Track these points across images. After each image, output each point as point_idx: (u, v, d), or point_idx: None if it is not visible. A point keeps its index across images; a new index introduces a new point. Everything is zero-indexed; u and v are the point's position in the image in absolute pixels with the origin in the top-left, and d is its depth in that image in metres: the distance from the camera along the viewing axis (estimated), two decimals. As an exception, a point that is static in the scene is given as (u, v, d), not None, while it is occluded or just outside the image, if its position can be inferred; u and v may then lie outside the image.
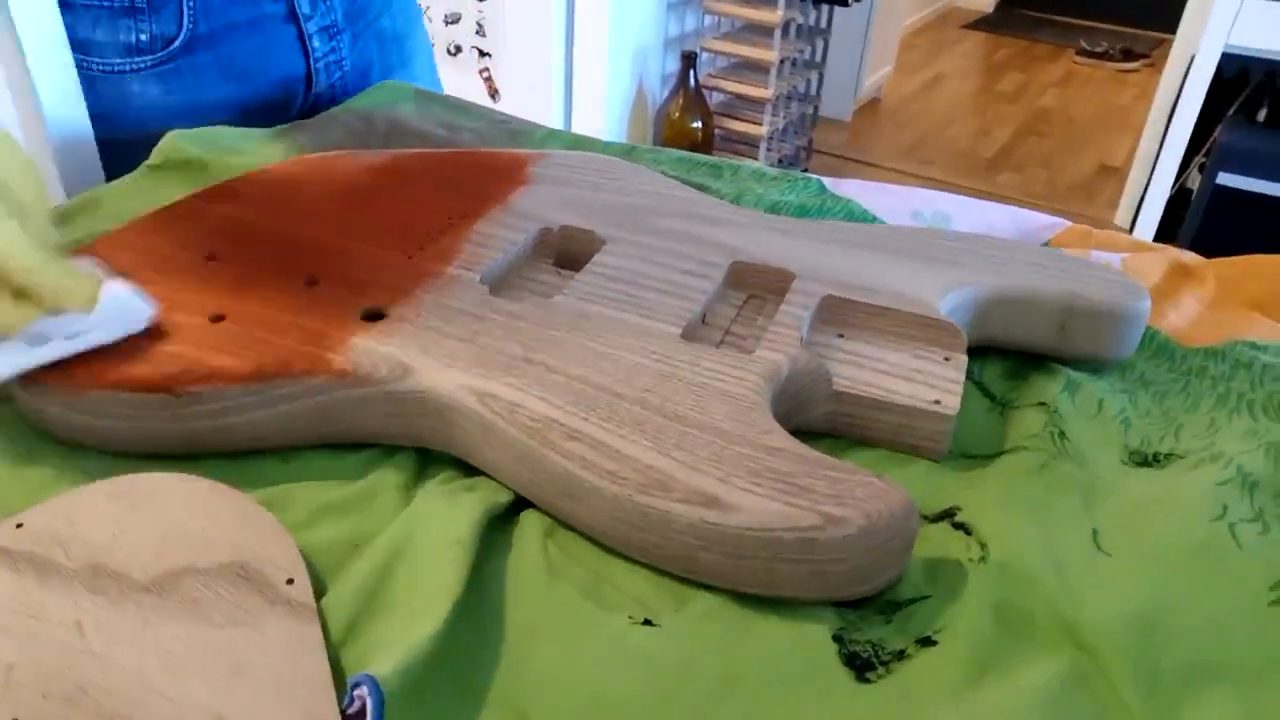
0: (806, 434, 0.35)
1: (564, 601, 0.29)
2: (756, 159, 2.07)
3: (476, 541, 0.29)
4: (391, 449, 0.35)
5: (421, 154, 0.49)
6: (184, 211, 0.43)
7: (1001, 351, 0.41)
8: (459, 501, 0.31)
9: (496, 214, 0.43)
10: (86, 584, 0.26)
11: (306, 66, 0.62)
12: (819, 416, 0.36)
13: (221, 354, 0.33)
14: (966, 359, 0.37)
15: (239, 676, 0.24)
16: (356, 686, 0.24)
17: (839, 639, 0.28)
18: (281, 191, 0.44)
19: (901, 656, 0.28)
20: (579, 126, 1.87)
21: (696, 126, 2.02)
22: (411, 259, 0.39)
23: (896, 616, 0.29)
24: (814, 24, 2.10)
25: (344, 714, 0.24)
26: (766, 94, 1.98)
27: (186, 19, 0.56)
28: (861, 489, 0.29)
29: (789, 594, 0.29)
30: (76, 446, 0.34)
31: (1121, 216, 2.08)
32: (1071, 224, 0.52)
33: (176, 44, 0.56)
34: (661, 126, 2.06)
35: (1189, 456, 0.35)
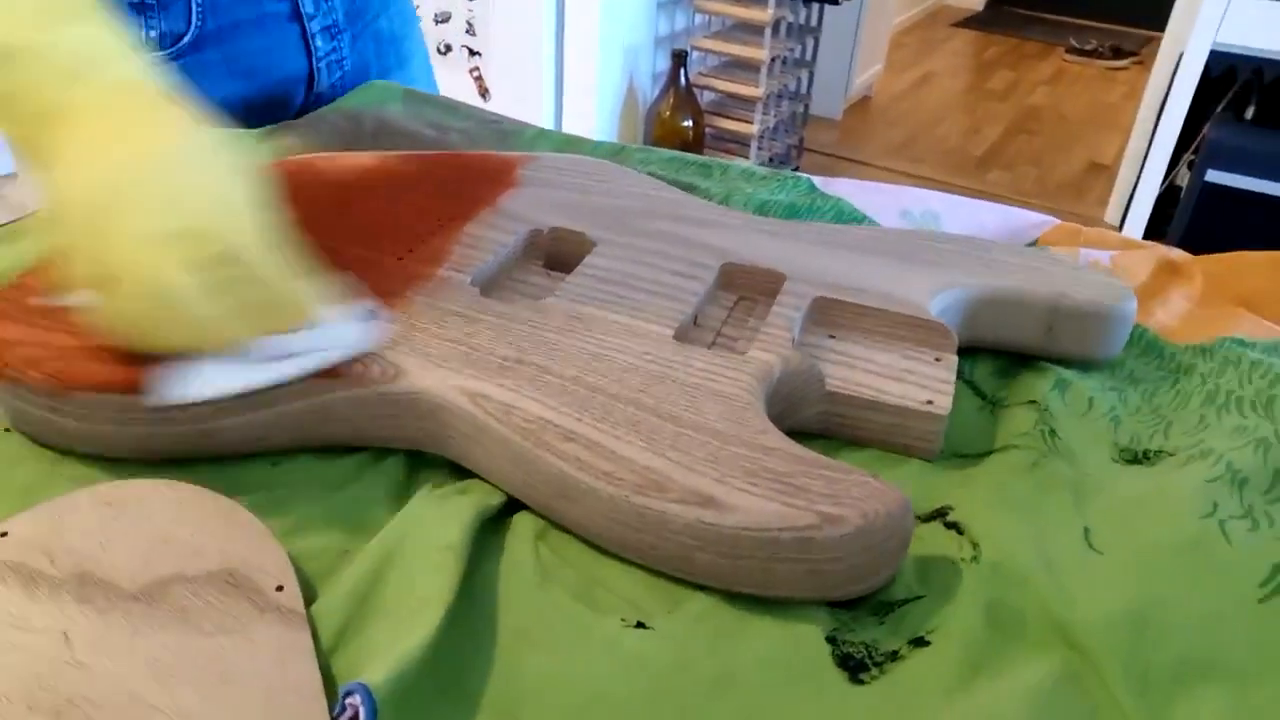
0: (799, 435, 0.35)
1: (556, 605, 0.29)
2: (747, 158, 2.07)
3: (468, 546, 0.29)
4: (382, 453, 0.35)
5: (409, 156, 0.49)
6: None
7: (991, 350, 0.41)
8: (450, 505, 0.31)
9: (486, 216, 0.43)
10: (73, 593, 0.26)
11: (309, 65, 0.63)
12: (811, 417, 0.36)
13: None
14: (957, 359, 0.38)
15: (229, 685, 0.24)
16: (349, 695, 0.24)
17: (832, 640, 0.28)
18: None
19: (895, 657, 0.28)
20: (569, 125, 1.87)
21: (687, 125, 2.02)
22: (401, 261, 0.39)
23: (889, 617, 0.29)
24: (804, 22, 2.10)
25: (335, 722, 0.23)
26: (757, 93, 1.98)
27: (195, 16, 0.56)
28: (858, 488, 0.29)
29: (785, 594, 0.29)
30: (60, 450, 0.33)
31: (1111, 214, 2.09)
32: (1061, 222, 0.52)
33: (185, 41, 0.56)
34: (652, 125, 2.06)
35: (1179, 454, 0.35)
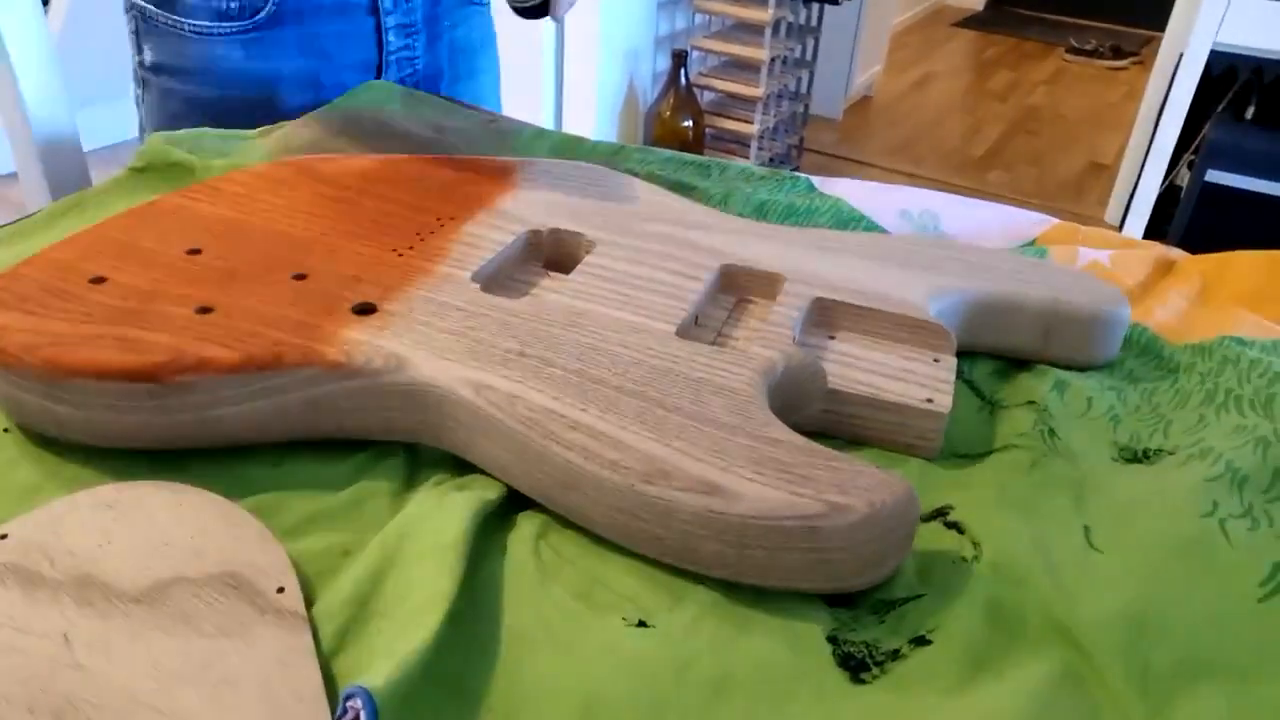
0: (800, 433, 0.35)
1: (557, 605, 0.29)
2: (747, 158, 2.07)
3: (468, 546, 0.29)
4: (382, 454, 0.35)
5: (408, 158, 0.49)
6: (165, 208, 0.42)
7: (993, 353, 0.41)
8: (450, 503, 0.31)
9: (485, 216, 0.43)
10: (74, 595, 0.26)
11: (379, 58, 0.66)
12: (812, 415, 0.36)
13: (210, 344, 0.33)
14: (956, 360, 0.38)
15: (230, 687, 0.24)
16: (349, 698, 0.24)
17: (833, 640, 0.28)
18: (265, 191, 0.44)
19: (896, 656, 0.28)
20: (569, 126, 1.87)
21: (687, 125, 2.02)
22: (401, 257, 0.39)
23: (890, 616, 0.29)
24: (804, 22, 2.10)
25: (336, 723, 0.23)
26: (757, 92, 1.98)
27: None
28: (864, 478, 0.29)
29: (791, 585, 0.29)
30: (60, 451, 0.33)
31: (1111, 214, 2.09)
32: (1059, 221, 0.52)
33: (262, 15, 0.60)
34: (652, 125, 2.06)
35: (1178, 453, 0.35)
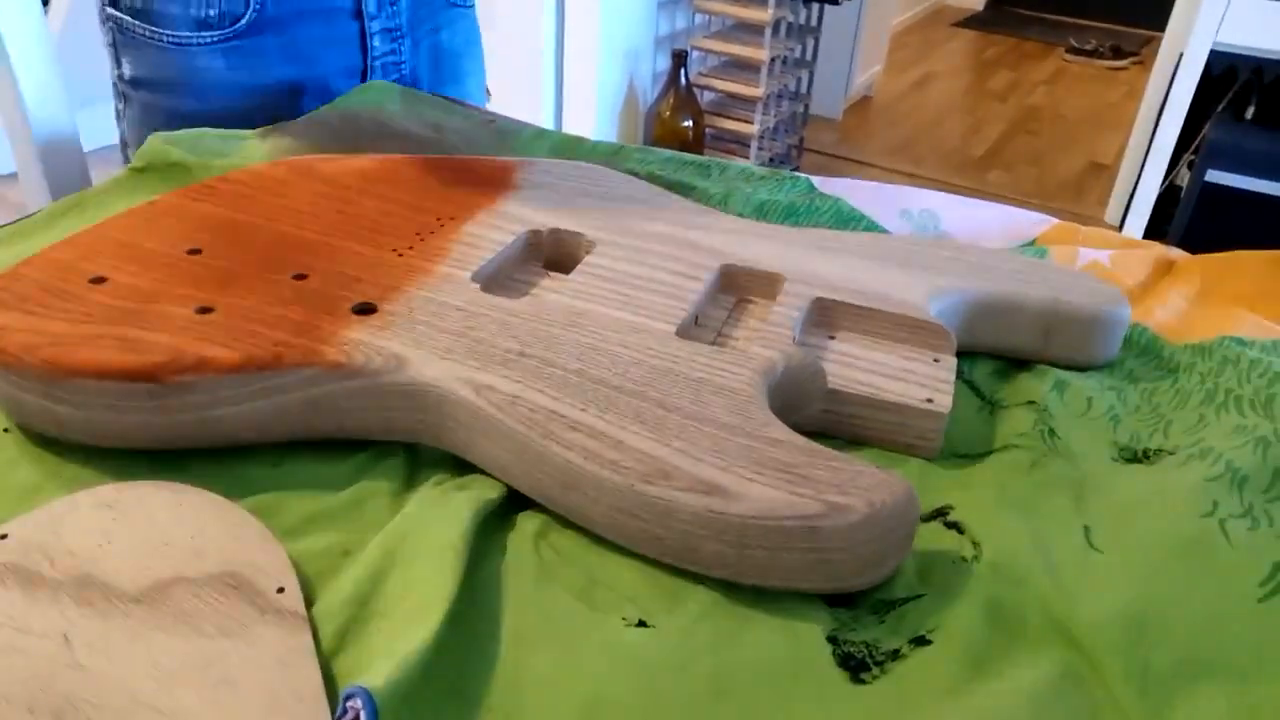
0: (800, 433, 0.35)
1: (557, 605, 0.29)
2: (748, 158, 2.07)
3: (468, 546, 0.29)
4: (382, 454, 0.35)
5: (407, 159, 0.49)
6: (164, 208, 0.42)
7: (993, 353, 0.41)
8: (450, 503, 0.31)
9: (484, 217, 0.43)
10: (74, 595, 0.26)
11: (364, 62, 0.66)
12: (812, 415, 0.36)
13: (211, 344, 0.33)
14: (956, 360, 0.38)
15: (230, 688, 0.24)
16: (350, 698, 0.24)
17: (833, 640, 0.28)
18: (264, 191, 0.44)
19: (896, 656, 0.28)
20: (569, 125, 1.87)
21: (687, 125, 2.02)
22: (401, 257, 0.39)
23: (890, 616, 0.29)
24: (804, 22, 2.10)
25: (336, 723, 0.23)
26: (757, 92, 1.98)
27: (254, 1, 0.59)
28: (864, 478, 0.29)
29: (791, 585, 0.29)
30: (60, 451, 0.33)
31: (1111, 214, 2.09)
32: (1059, 221, 0.52)
33: (242, 23, 0.59)
34: (652, 125, 2.06)
35: (1178, 452, 0.35)
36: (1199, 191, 1.66)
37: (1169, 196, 1.76)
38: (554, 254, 0.43)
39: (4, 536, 0.28)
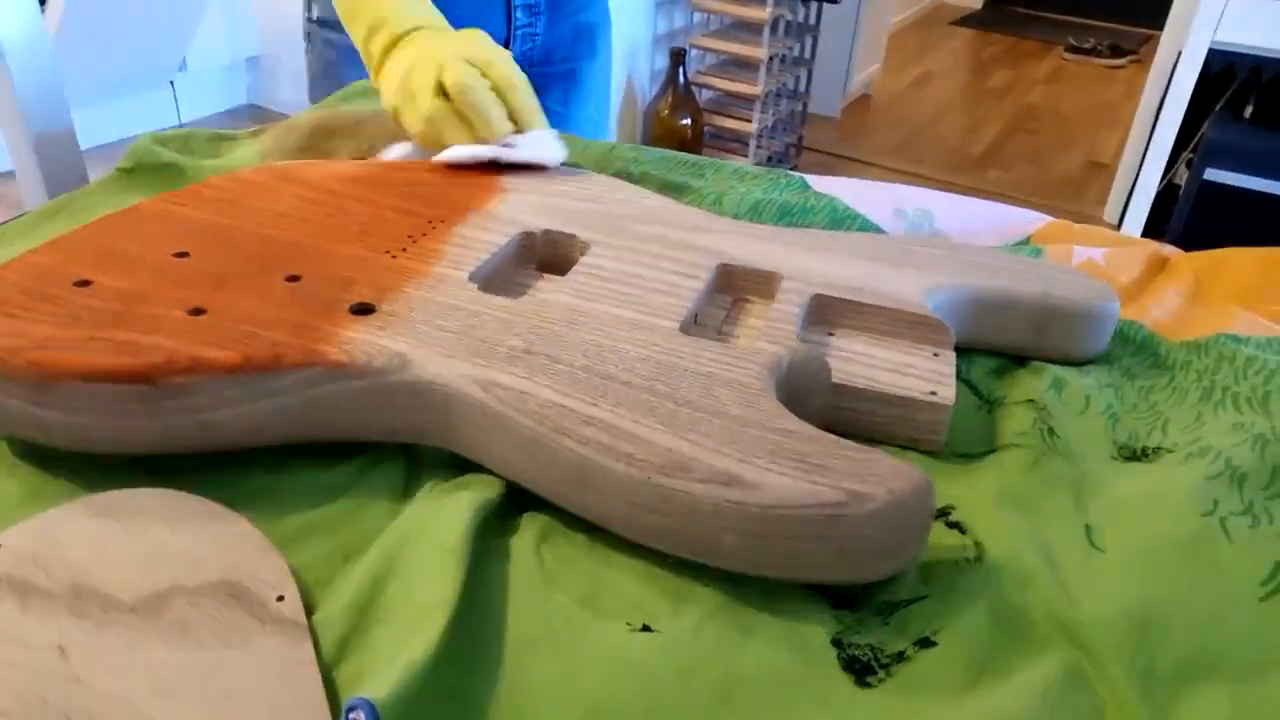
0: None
1: (560, 611, 0.28)
2: (746, 156, 2.07)
3: (469, 549, 0.29)
4: (380, 457, 0.34)
5: (394, 164, 0.49)
6: (148, 212, 0.42)
7: (987, 350, 0.41)
8: (450, 505, 0.31)
9: (476, 219, 0.43)
10: (69, 606, 0.25)
11: (507, 32, 0.73)
12: (816, 411, 0.36)
13: (205, 345, 0.32)
14: (955, 354, 0.38)
15: (231, 700, 0.23)
16: (352, 710, 0.23)
17: (838, 643, 0.28)
18: (249, 196, 0.44)
19: (901, 659, 0.27)
20: (568, 126, 1.86)
21: (686, 124, 2.01)
22: (395, 259, 0.39)
23: (894, 618, 0.29)
24: (803, 21, 2.10)
25: (336, 734, 0.23)
26: (756, 91, 1.98)
27: None
28: (880, 466, 0.28)
29: (810, 576, 0.28)
30: (53, 461, 0.33)
31: (1109, 212, 2.09)
32: (1053, 219, 0.52)
33: None
34: (651, 124, 2.05)
35: (1177, 450, 0.35)
36: (1197, 190, 1.66)
37: (1167, 195, 1.76)
38: (548, 255, 0.43)
39: (-1, 545, 0.27)
